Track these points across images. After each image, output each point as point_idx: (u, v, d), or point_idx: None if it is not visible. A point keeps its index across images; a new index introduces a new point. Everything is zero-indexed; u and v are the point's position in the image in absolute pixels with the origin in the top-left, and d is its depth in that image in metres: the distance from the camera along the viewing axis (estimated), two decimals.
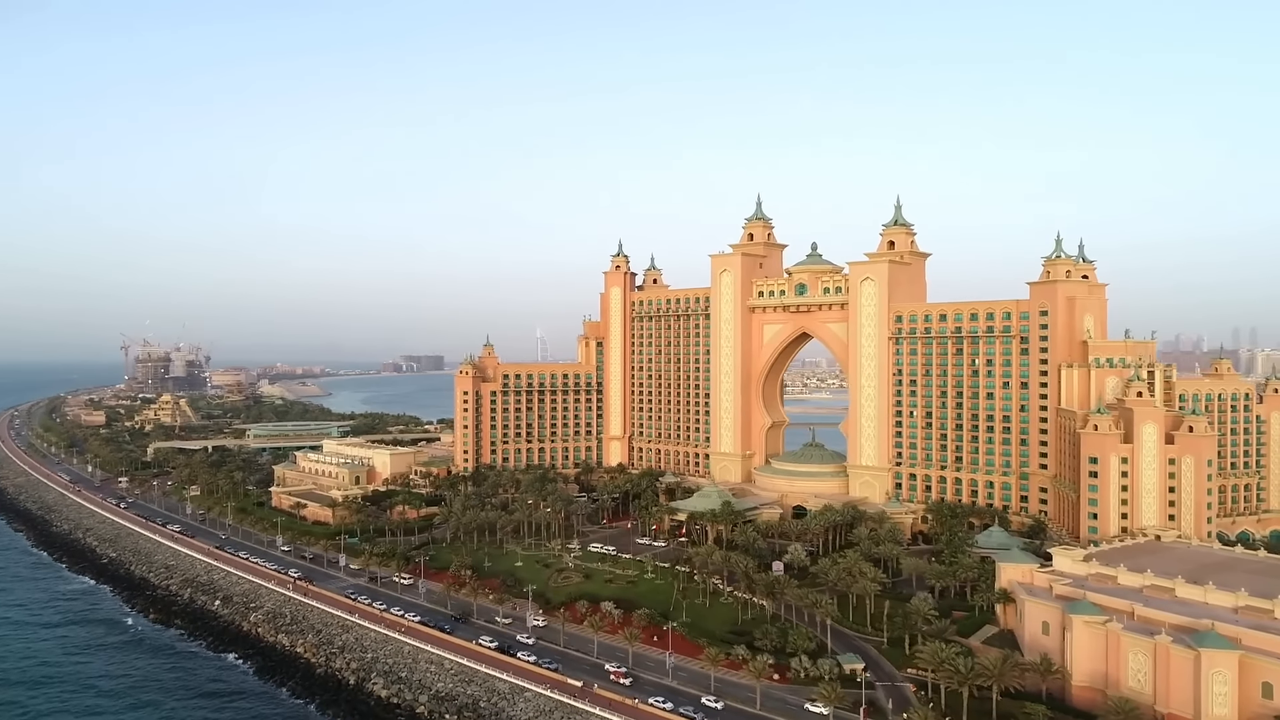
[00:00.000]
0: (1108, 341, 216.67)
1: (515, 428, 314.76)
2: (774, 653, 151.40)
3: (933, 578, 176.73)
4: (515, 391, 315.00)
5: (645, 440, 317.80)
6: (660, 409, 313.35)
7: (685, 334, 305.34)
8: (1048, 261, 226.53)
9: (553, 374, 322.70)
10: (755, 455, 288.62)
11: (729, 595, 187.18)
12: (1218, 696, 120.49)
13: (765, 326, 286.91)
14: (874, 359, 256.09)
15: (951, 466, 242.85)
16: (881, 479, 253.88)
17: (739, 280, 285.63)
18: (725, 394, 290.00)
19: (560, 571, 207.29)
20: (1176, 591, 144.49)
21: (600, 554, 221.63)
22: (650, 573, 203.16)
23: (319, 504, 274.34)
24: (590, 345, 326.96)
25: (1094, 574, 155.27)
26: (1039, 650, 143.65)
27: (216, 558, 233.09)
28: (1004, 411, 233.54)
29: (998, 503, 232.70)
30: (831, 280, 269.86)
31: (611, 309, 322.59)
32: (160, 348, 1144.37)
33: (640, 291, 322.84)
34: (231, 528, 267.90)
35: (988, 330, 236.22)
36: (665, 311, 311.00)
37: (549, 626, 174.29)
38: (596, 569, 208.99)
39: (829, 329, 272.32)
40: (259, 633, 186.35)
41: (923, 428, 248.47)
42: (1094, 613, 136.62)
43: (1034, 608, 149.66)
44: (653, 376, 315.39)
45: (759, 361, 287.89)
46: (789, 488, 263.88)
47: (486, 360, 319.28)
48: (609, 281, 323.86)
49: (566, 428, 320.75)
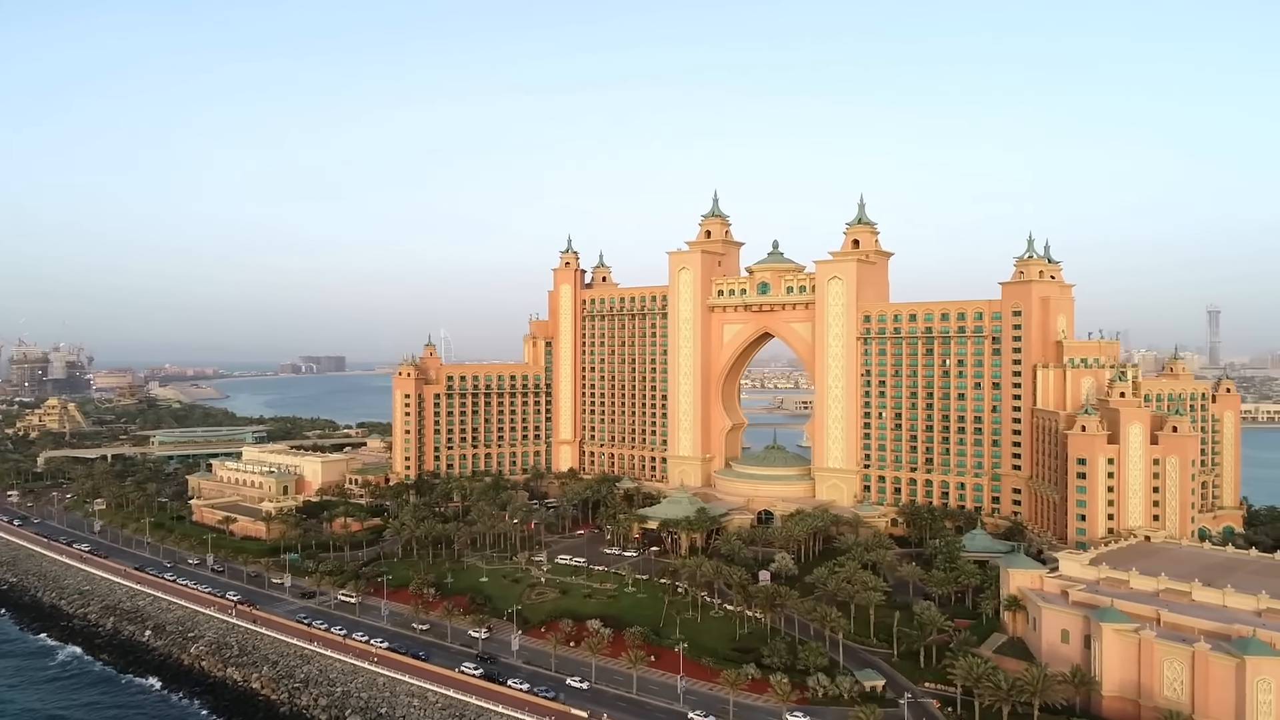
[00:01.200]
0: (1082, 342, 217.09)
1: (460, 432, 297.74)
2: (785, 670, 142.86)
3: (933, 585, 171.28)
4: (460, 394, 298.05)
5: (597, 445, 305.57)
6: (614, 411, 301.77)
7: (641, 333, 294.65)
8: (1020, 262, 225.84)
9: (499, 375, 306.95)
10: (715, 458, 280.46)
11: (719, 609, 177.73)
12: (1263, 705, 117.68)
13: (725, 326, 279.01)
14: (841, 359, 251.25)
15: (922, 468, 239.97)
16: (850, 482, 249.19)
17: (698, 278, 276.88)
18: (684, 395, 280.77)
19: (533, 587, 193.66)
20: (1193, 595, 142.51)
21: (570, 567, 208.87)
22: (630, 586, 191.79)
23: (249, 518, 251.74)
24: (538, 345, 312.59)
25: (1104, 578, 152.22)
26: (1058, 659, 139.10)
27: (138, 580, 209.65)
28: (975, 412, 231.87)
29: (969, 504, 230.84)
30: (795, 279, 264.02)
31: (561, 307, 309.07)
32: (37, 347, 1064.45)
33: (591, 290, 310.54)
34: (150, 546, 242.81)
35: (959, 330, 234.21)
36: (619, 310, 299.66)
37: (534, 649, 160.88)
38: (571, 583, 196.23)
39: (793, 329, 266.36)
40: (203, 666, 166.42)
41: (892, 429, 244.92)
42: (1123, 620, 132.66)
43: (1052, 615, 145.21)
44: (605, 378, 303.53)
45: (719, 362, 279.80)
46: (754, 491, 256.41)
47: (428, 361, 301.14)
48: (558, 279, 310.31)
49: (514, 432, 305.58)
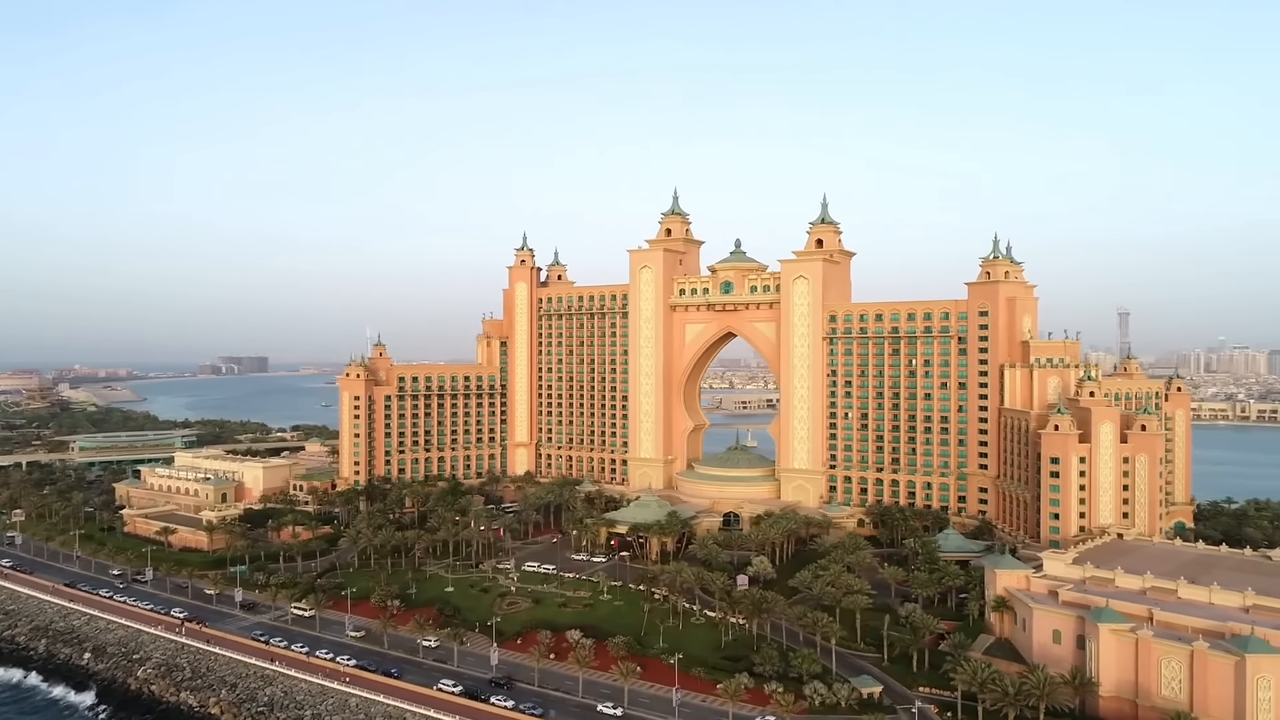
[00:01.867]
0: (1048, 342, 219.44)
1: (412, 436, 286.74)
2: (779, 679, 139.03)
3: (917, 587, 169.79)
4: (412, 396, 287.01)
5: (554, 447, 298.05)
6: (572, 413, 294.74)
7: (600, 333, 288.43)
8: (986, 262, 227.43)
9: (453, 376, 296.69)
10: (677, 460, 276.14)
11: (700, 615, 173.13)
12: (1263, 702, 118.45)
13: (687, 326, 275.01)
14: (807, 359, 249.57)
15: (888, 468, 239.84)
16: (816, 482, 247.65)
17: (660, 277, 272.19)
18: (645, 396, 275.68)
19: (503, 596, 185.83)
20: (1180, 593, 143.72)
21: (540, 574, 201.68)
22: (606, 594, 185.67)
23: (189, 528, 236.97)
24: (493, 345, 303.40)
25: (1090, 577, 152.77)
26: (1049, 660, 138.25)
27: (71, 598, 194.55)
28: (942, 412, 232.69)
29: (935, 504, 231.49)
30: (759, 278, 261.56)
31: (517, 306, 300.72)
32: None
33: (547, 288, 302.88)
34: (81, 560, 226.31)
35: (925, 330, 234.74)
36: (577, 309, 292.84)
37: (514, 662, 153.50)
38: (543, 592, 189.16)
39: (757, 329, 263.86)
40: (153, 691, 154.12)
41: (858, 429, 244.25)
42: (1120, 620, 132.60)
43: (1044, 616, 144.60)
44: (563, 378, 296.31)
45: (681, 362, 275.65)
46: (719, 493, 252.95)
47: (378, 362, 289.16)
48: (513, 277, 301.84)
49: (468, 435, 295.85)
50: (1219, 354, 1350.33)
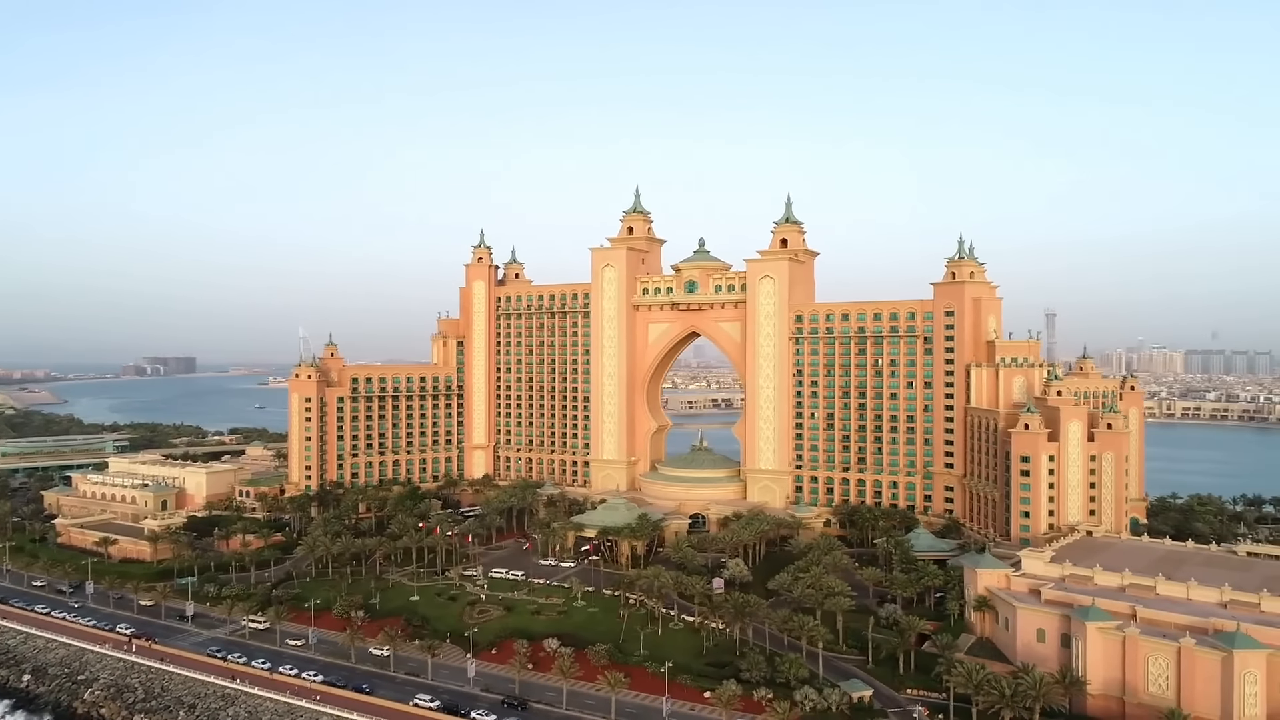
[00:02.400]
0: (1013, 341, 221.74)
1: (366, 439, 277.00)
2: (767, 685, 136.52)
3: (896, 587, 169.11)
4: (366, 397, 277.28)
5: (513, 449, 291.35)
6: (531, 414, 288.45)
7: (561, 332, 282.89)
8: (952, 263, 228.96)
9: (408, 377, 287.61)
10: (640, 461, 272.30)
11: (678, 620, 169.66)
12: (1249, 697, 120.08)
13: (651, 325, 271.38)
14: (772, 359, 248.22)
15: (855, 468, 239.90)
16: (782, 483, 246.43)
17: (623, 275, 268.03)
18: (608, 397, 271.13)
19: (473, 605, 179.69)
20: (1158, 589, 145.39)
21: (508, 581, 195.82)
22: (580, 600, 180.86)
23: (131, 538, 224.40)
24: (449, 345, 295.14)
25: (1069, 575, 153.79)
26: (1033, 659, 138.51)
27: (2, 614, 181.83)
28: (908, 411, 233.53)
29: (902, 503, 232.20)
30: (724, 278, 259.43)
31: (474, 305, 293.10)
32: None
33: (505, 286, 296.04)
34: (10, 574, 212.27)
35: (891, 330, 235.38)
36: (537, 308, 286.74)
37: (493, 674, 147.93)
38: (513, 599, 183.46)
39: (721, 328, 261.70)
40: (103, 714, 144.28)
41: (824, 429, 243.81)
42: (1107, 619, 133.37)
43: (1027, 615, 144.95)
44: (522, 379, 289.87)
45: (644, 362, 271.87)
46: (685, 495, 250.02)
47: (330, 362, 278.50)
48: (470, 275, 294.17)
49: (424, 437, 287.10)
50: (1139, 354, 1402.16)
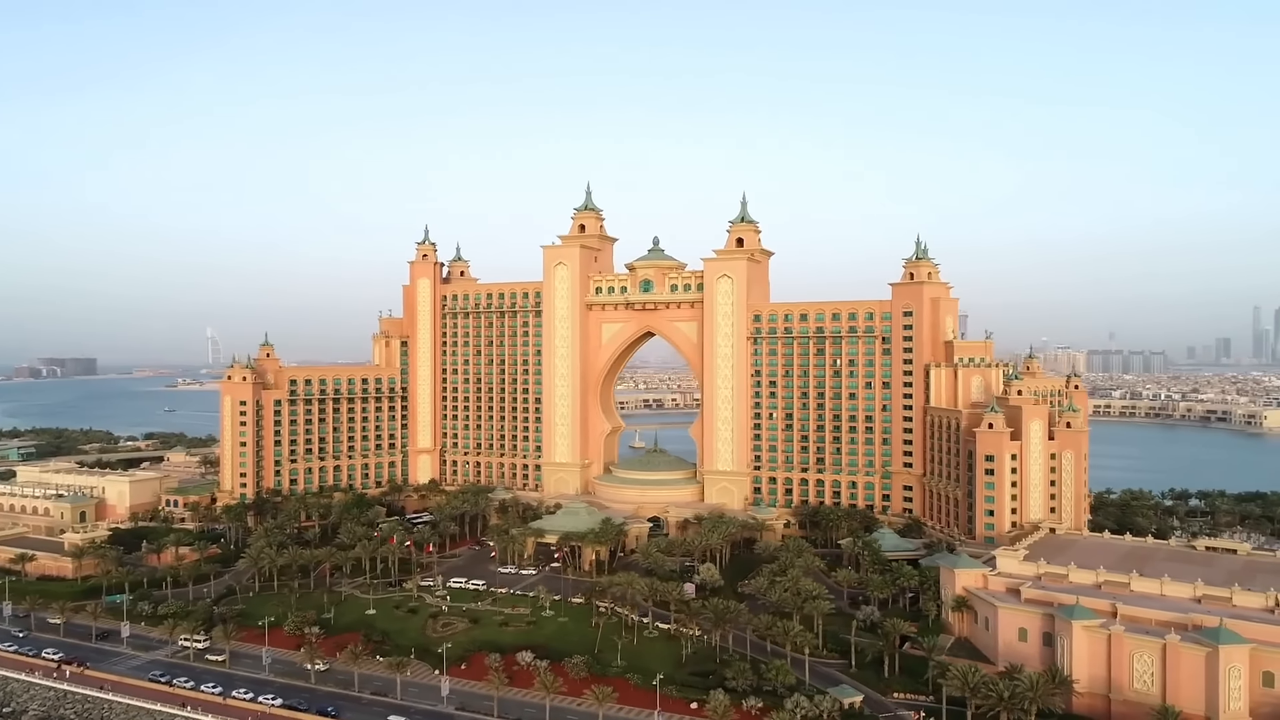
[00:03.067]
0: (970, 342, 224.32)
1: (305, 443, 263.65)
2: (754, 693, 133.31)
3: (873, 589, 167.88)
4: (305, 400, 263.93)
5: (461, 453, 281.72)
6: (480, 416, 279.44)
7: (511, 332, 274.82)
8: (910, 263, 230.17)
9: (350, 378, 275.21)
10: (594, 464, 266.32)
11: (653, 628, 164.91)
12: (1234, 690, 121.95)
13: (604, 325, 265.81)
14: (730, 360, 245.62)
15: (813, 469, 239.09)
16: (740, 484, 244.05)
17: (576, 274, 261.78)
18: (561, 398, 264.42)
19: (435, 617, 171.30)
20: (1131, 586, 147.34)
21: (470, 591, 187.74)
22: (548, 609, 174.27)
23: (50, 553, 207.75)
24: (392, 345, 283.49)
25: (1045, 574, 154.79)
26: (1015, 658, 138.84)
27: None
28: (866, 411, 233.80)
29: (861, 503, 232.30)
30: (680, 277, 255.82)
31: (419, 303, 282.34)
32: None
33: (451, 284, 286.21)
34: None
35: (850, 330, 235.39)
36: (486, 307, 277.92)
37: (469, 692, 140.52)
38: (478, 610, 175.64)
39: (678, 328, 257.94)
40: None
41: (783, 430, 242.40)
42: (1092, 617, 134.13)
43: (1009, 614, 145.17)
44: (470, 380, 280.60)
45: (598, 363, 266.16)
46: (642, 498, 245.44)
47: (266, 363, 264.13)
48: (415, 273, 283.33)
49: (366, 441, 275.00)
50: (1044, 354, 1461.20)
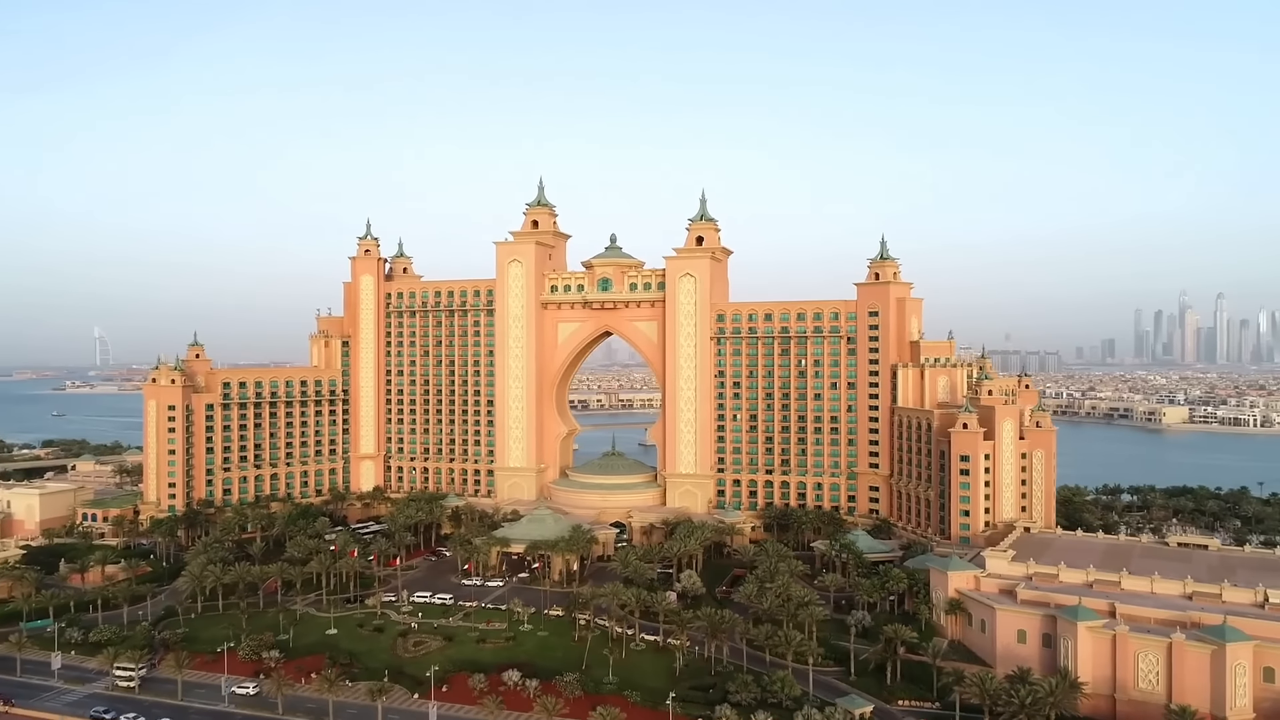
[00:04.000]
0: (934, 342, 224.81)
1: (240, 450, 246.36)
2: (760, 706, 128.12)
3: (864, 592, 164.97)
4: (240, 404, 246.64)
5: (406, 459, 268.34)
6: (427, 420, 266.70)
7: (461, 332, 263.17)
8: (875, 263, 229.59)
9: (288, 381, 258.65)
10: (550, 469, 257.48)
11: (639, 640, 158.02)
12: (1240, 687, 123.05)
13: (560, 324, 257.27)
14: (693, 360, 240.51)
15: (778, 470, 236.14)
16: (704, 487, 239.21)
17: (531, 271, 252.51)
18: (515, 400, 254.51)
19: (405, 635, 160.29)
20: (1122, 584, 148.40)
21: (437, 606, 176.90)
22: (525, 623, 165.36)
23: None
24: (331, 345, 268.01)
25: (1035, 574, 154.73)
26: (1014, 661, 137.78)
27: None
28: (832, 412, 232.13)
29: (826, 504, 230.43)
30: (640, 276, 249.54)
31: (362, 301, 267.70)
32: None
33: (393, 281, 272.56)
34: None
35: (815, 330, 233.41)
36: (435, 305, 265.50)
37: (459, 717, 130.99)
38: (450, 626, 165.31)
39: (637, 328, 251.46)
40: None
41: (747, 431, 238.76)
42: (1095, 618, 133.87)
43: (1007, 616, 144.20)
44: (417, 382, 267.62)
45: (554, 363, 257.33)
46: (603, 503, 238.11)
47: (195, 365, 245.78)
48: (357, 269, 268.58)
49: (305, 447, 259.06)
50: None
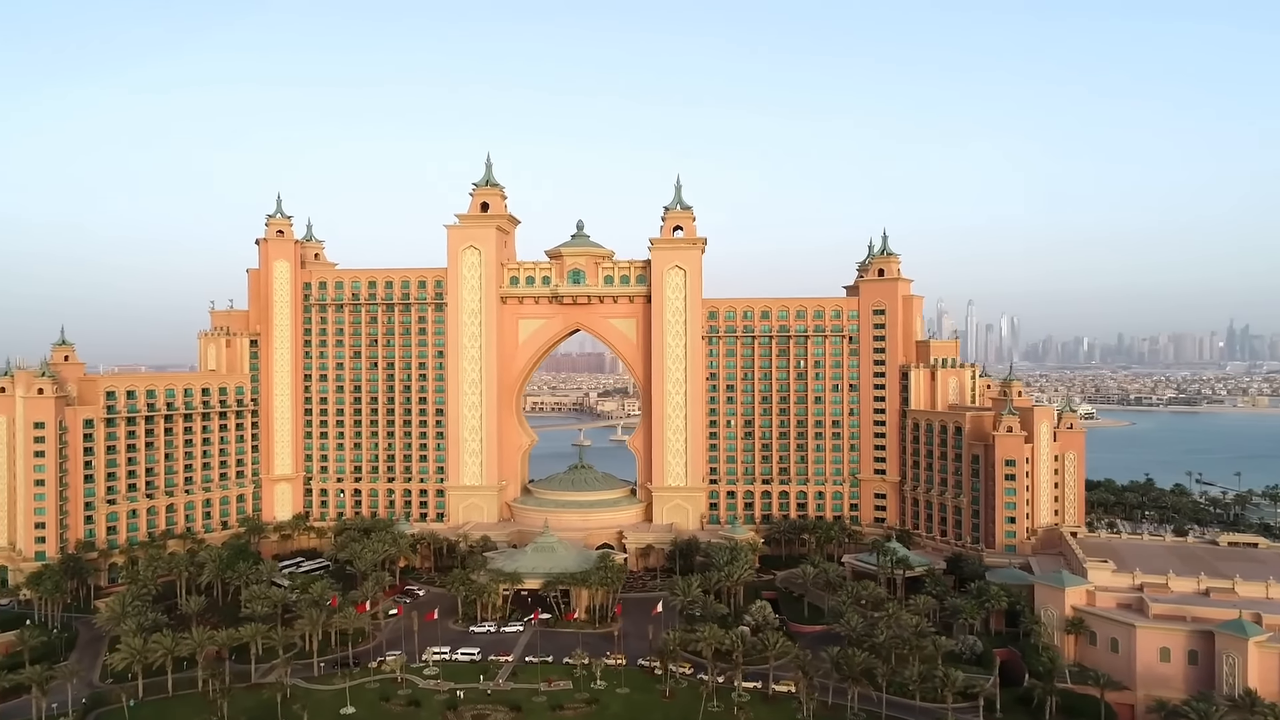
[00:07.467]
0: (942, 341, 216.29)
1: (128, 477, 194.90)
2: None
3: (965, 614, 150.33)
4: (127, 419, 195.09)
5: (332, 480, 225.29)
6: (359, 434, 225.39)
7: (403, 329, 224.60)
8: (878, 259, 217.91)
9: (185, 388, 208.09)
10: (510, 486, 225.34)
11: (740, 691, 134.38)
12: None
13: (521, 321, 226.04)
14: (682, 362, 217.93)
15: (776, 479, 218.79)
16: (695, 500, 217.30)
17: (490, 260, 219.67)
18: (469, 409, 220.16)
19: (456, 709, 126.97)
20: (1236, 590, 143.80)
21: (470, 666, 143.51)
22: (600, 680, 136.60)
23: None
24: (235, 345, 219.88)
25: (1147, 584, 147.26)
26: (1159, 682, 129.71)
27: None
28: (834, 416, 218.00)
29: (828, 513, 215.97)
30: (616, 268, 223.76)
31: (275, 292, 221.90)
32: None
33: (307, 270, 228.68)
34: None
35: (815, 329, 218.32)
36: (368, 298, 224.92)
37: None
38: (506, 692, 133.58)
39: (613, 325, 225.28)
40: None
41: (741, 438, 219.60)
42: (1261, 632, 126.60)
43: (1148, 634, 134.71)
44: (345, 388, 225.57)
45: (515, 365, 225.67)
46: (584, 523, 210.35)
47: (65, 370, 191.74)
48: (268, 253, 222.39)
49: (208, 470, 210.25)
50: None
